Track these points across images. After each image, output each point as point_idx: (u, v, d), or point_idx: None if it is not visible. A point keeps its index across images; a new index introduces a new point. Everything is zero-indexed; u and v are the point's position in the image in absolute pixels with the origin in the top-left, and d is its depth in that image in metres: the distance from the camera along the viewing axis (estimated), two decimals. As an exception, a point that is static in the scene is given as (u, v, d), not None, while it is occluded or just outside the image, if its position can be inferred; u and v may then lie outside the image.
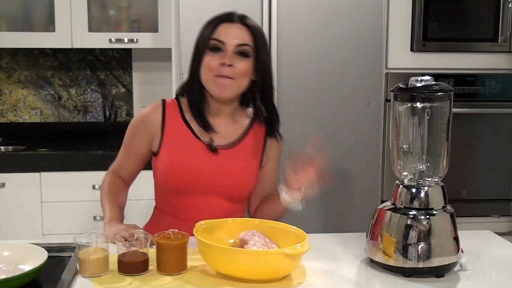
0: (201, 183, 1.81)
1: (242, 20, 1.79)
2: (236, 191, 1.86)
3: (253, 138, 1.90)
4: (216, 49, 1.76)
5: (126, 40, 3.23)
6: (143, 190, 2.11)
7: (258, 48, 1.77)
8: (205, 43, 1.76)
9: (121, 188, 1.96)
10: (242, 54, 1.76)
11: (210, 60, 1.75)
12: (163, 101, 1.89)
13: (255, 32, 1.78)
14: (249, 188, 1.89)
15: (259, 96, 1.87)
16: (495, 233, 2.06)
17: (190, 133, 1.84)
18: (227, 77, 1.75)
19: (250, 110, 1.95)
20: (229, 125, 1.88)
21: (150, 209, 2.06)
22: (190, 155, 1.81)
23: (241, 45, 1.76)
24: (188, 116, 1.86)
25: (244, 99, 1.91)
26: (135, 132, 1.90)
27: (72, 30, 3.20)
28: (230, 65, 1.74)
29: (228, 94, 1.78)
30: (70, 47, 3.22)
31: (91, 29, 3.23)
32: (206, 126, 1.82)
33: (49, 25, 3.24)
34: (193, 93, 1.82)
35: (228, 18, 1.79)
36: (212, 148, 1.82)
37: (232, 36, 1.75)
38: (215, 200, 1.83)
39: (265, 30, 2.81)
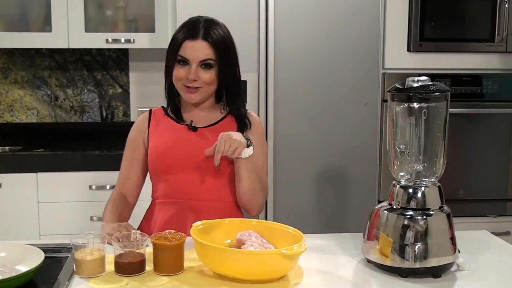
0: (185, 161, 1.95)
1: (205, 36, 1.94)
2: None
3: (231, 121, 2.04)
4: (183, 62, 1.95)
5: (123, 40, 3.22)
6: (143, 191, 2.10)
7: (220, 60, 1.94)
8: (173, 56, 1.97)
9: (125, 208, 2.04)
10: (206, 65, 1.94)
11: (178, 72, 1.96)
12: (150, 110, 2.12)
13: (217, 46, 1.94)
14: (230, 161, 1.94)
15: (225, 101, 2.06)
16: (491, 233, 2.06)
17: (172, 121, 2.04)
18: (193, 89, 1.96)
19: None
20: (207, 114, 2.05)
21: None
22: (172, 137, 1.99)
23: (204, 60, 1.94)
24: (170, 112, 2.09)
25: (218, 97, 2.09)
26: (132, 140, 2.08)
27: (68, 30, 3.19)
28: (195, 80, 1.94)
29: (197, 99, 1.98)
30: (66, 47, 3.21)
31: (87, 29, 3.22)
32: (181, 118, 2.03)
33: (45, 25, 3.23)
34: (169, 95, 2.07)
35: (191, 35, 1.94)
36: (192, 128, 2.00)
37: (196, 53, 1.93)
38: (201, 176, 1.94)
39: (262, 30, 2.81)
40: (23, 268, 1.54)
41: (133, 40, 3.23)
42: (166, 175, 1.98)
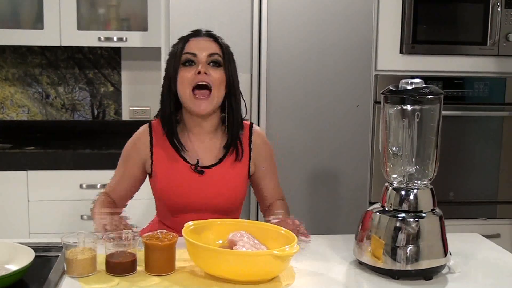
0: (192, 203, 1.88)
1: (209, 34, 1.88)
2: (226, 206, 1.92)
3: (240, 146, 1.94)
4: (190, 62, 1.82)
5: (115, 38, 3.21)
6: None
7: (227, 58, 1.85)
8: (178, 59, 1.82)
9: (113, 208, 1.95)
10: (215, 63, 1.83)
11: (185, 74, 1.81)
12: (149, 123, 1.95)
13: (222, 44, 1.87)
14: (238, 200, 1.94)
15: (227, 119, 1.91)
16: (482, 235, 2.07)
17: (177, 155, 1.89)
18: (204, 89, 1.80)
19: None
20: (212, 140, 1.92)
21: (149, 209, 2.02)
22: (178, 179, 1.87)
23: (212, 54, 1.83)
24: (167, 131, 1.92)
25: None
26: (128, 157, 1.96)
27: (60, 28, 3.17)
28: (205, 73, 1.80)
29: (207, 109, 1.83)
30: (58, 45, 3.20)
31: (80, 27, 3.21)
32: (176, 147, 1.88)
33: (37, 22, 3.21)
34: (165, 113, 1.88)
35: (195, 34, 1.88)
36: (198, 171, 1.88)
37: (203, 48, 1.83)
38: (209, 216, 1.81)
39: (255, 31, 2.81)
40: (13, 267, 1.53)
41: (126, 38, 3.22)
42: (174, 213, 1.93)
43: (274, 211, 1.98)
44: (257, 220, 2.89)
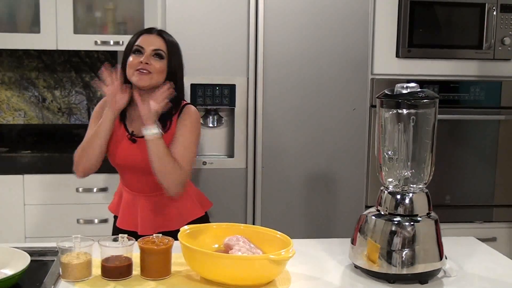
0: (128, 165, 2.22)
1: (160, 33, 2.24)
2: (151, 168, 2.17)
3: (169, 122, 2.22)
4: (138, 52, 2.19)
5: (111, 42, 3.21)
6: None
7: (170, 53, 2.20)
8: (130, 49, 2.22)
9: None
10: (158, 55, 2.18)
11: (132, 60, 2.19)
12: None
13: (169, 43, 2.22)
14: None
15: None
16: (478, 239, 2.08)
17: (121, 123, 2.24)
18: (144, 71, 2.15)
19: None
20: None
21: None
22: (118, 144, 2.22)
23: (156, 49, 2.18)
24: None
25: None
26: (99, 115, 2.25)
27: (57, 32, 3.17)
28: (147, 63, 2.15)
29: (146, 83, 2.16)
30: (55, 48, 3.19)
31: (76, 30, 3.20)
32: (121, 116, 2.23)
33: (34, 26, 3.21)
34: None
35: (148, 31, 2.26)
36: (131, 139, 2.21)
37: (150, 43, 2.19)
38: (142, 176, 2.19)
39: (251, 34, 2.81)
40: (8, 272, 1.53)
41: (122, 42, 3.21)
42: (119, 172, 2.31)
43: None
44: (253, 224, 2.90)
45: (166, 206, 2.21)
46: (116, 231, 2.19)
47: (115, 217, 2.32)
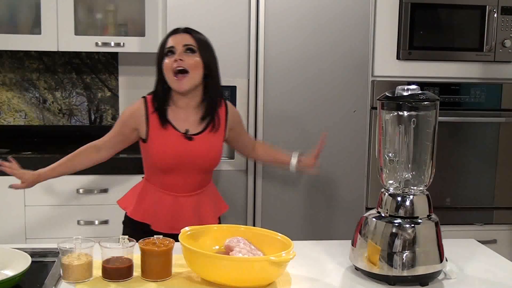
0: (181, 165, 2.24)
1: (186, 30, 2.27)
2: (208, 165, 2.31)
3: (217, 119, 2.31)
4: (171, 53, 2.23)
5: (112, 44, 3.21)
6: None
7: (201, 47, 2.24)
8: (162, 52, 2.27)
9: (84, 152, 2.37)
10: (189, 50, 2.22)
11: (167, 62, 2.23)
12: (144, 98, 2.32)
13: (197, 36, 2.26)
14: (217, 161, 2.33)
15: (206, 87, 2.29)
16: (478, 241, 2.08)
17: (168, 125, 2.25)
18: (181, 72, 2.19)
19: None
20: (197, 114, 2.28)
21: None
22: (171, 143, 2.24)
23: (186, 44, 2.22)
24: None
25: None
26: (125, 122, 2.30)
27: (58, 33, 3.18)
28: (181, 59, 2.19)
29: (186, 87, 2.20)
30: (56, 50, 3.20)
31: (77, 32, 3.21)
32: (162, 120, 2.25)
33: (35, 27, 3.21)
34: (157, 93, 2.29)
35: (174, 31, 2.29)
36: (188, 137, 2.24)
37: (179, 41, 2.23)
38: (191, 175, 2.26)
39: (252, 36, 2.82)
40: (9, 273, 1.53)
41: (123, 44, 3.22)
42: (163, 173, 2.26)
43: (273, 152, 2.59)
44: (254, 226, 2.90)
45: (203, 204, 2.29)
46: (149, 232, 2.03)
47: (127, 218, 2.31)
